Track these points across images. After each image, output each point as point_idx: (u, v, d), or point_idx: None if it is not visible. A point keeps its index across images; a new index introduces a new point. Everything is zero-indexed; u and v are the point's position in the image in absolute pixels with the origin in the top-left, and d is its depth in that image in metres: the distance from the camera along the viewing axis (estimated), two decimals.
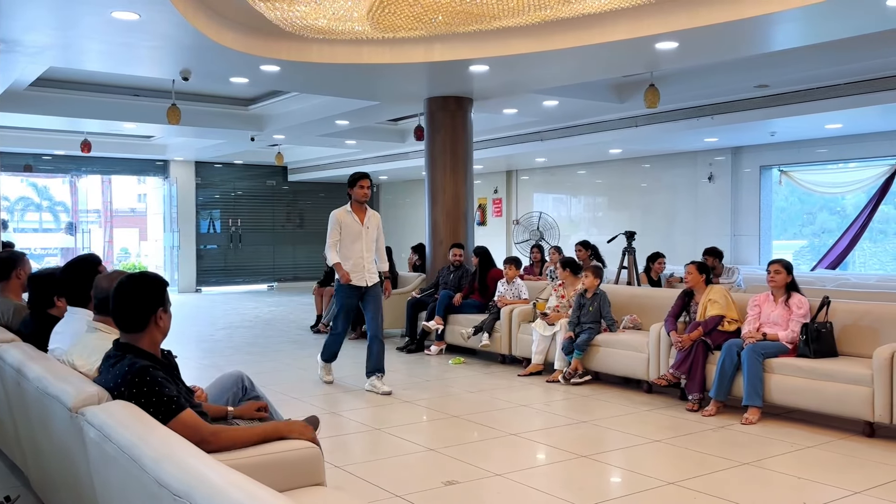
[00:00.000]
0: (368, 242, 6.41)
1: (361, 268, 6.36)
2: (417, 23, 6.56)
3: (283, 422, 3.13)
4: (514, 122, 12.06)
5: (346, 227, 6.37)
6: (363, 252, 6.37)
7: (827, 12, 5.80)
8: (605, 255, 9.76)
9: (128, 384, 2.59)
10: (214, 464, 1.93)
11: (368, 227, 6.43)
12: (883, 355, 4.80)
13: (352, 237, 6.35)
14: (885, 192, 11.48)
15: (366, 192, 6.43)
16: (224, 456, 2.63)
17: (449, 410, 5.77)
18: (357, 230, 6.38)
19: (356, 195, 6.43)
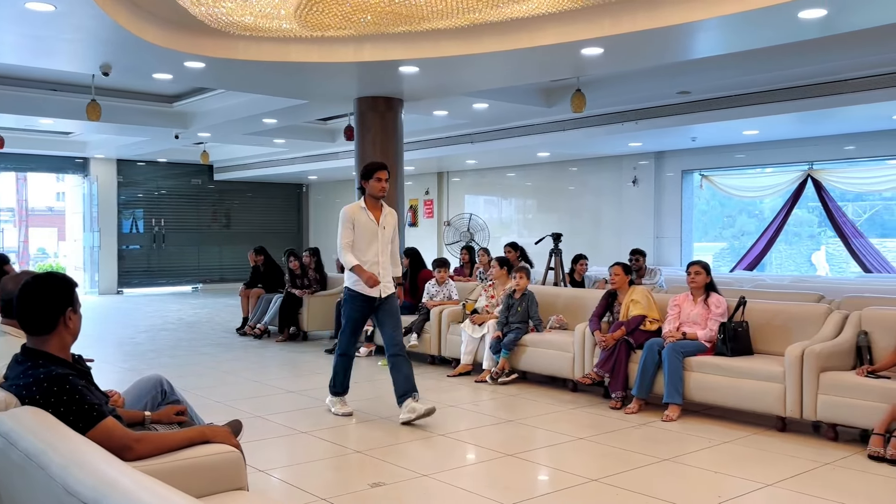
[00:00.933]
0: (384, 245, 5.42)
1: (377, 275, 5.35)
2: (346, 22, 6.52)
3: (204, 426, 3.07)
4: (445, 123, 12.11)
5: (360, 226, 5.37)
6: (379, 256, 5.37)
7: (744, 22, 6.02)
8: (533, 256, 9.89)
9: (44, 392, 2.49)
10: (127, 470, 1.88)
11: (385, 228, 5.44)
12: (794, 353, 5.01)
13: (366, 238, 5.37)
14: (798, 197, 11.98)
15: (384, 186, 5.41)
16: (142, 462, 2.57)
17: (377, 412, 5.75)
18: (372, 230, 5.38)
19: (372, 189, 5.41)
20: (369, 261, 5.32)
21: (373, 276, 5.27)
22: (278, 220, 20.23)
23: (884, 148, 10.73)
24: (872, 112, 9.14)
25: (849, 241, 11.49)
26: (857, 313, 5.33)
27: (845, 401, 4.76)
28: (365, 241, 5.36)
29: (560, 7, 6.28)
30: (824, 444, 4.85)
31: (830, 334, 5.26)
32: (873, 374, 4.78)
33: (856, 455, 4.56)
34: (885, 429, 4.47)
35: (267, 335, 9.88)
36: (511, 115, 11.11)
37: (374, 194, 5.42)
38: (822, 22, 5.95)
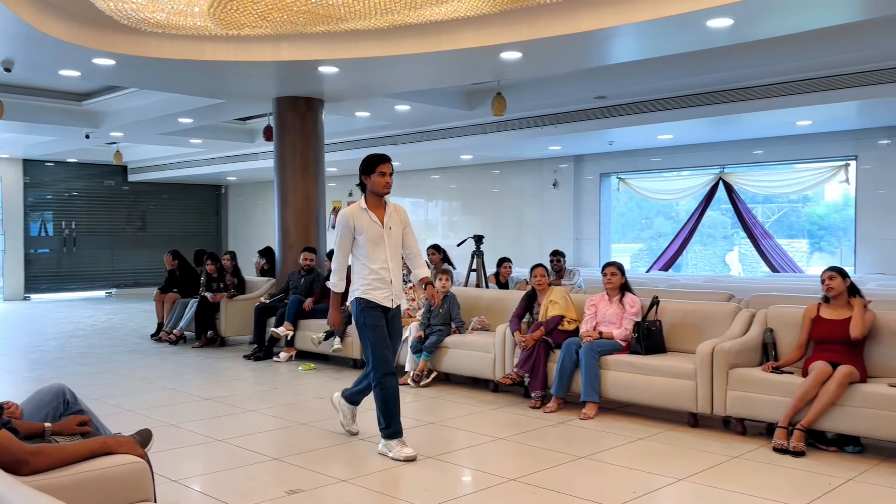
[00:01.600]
0: (394, 249, 4.76)
1: (387, 283, 4.68)
2: (263, 21, 6.40)
3: (108, 436, 2.95)
4: (367, 125, 12.04)
5: (364, 230, 4.66)
6: (388, 261, 4.71)
7: (656, 30, 6.20)
8: (457, 258, 9.93)
9: None
10: (17, 485, 1.78)
11: (391, 228, 4.76)
12: (704, 351, 5.17)
13: (372, 244, 4.67)
14: (710, 199, 12.41)
15: (388, 182, 4.71)
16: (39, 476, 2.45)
17: (296, 418, 5.66)
18: (377, 233, 4.69)
19: (375, 185, 4.69)
20: (377, 266, 4.66)
21: (336, 318, 4.89)
22: (196, 223, 19.72)
23: (790, 152, 11.22)
24: (778, 118, 9.55)
25: (758, 241, 11.96)
26: (764, 311, 5.54)
27: (752, 396, 4.93)
28: (370, 246, 4.66)
29: (479, 11, 6.33)
30: (733, 438, 5.02)
31: (739, 332, 5.45)
32: (778, 369, 4.97)
33: (762, 448, 4.74)
34: (788, 422, 4.66)
35: (183, 341, 9.61)
36: (433, 117, 11.14)
37: (377, 191, 4.70)
38: (729, 31, 6.17)
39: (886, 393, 4.42)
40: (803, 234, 13.29)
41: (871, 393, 4.48)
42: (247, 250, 17.85)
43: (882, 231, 10.31)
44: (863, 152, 10.50)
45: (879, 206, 10.36)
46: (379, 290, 4.66)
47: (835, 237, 12.48)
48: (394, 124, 11.90)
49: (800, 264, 12.08)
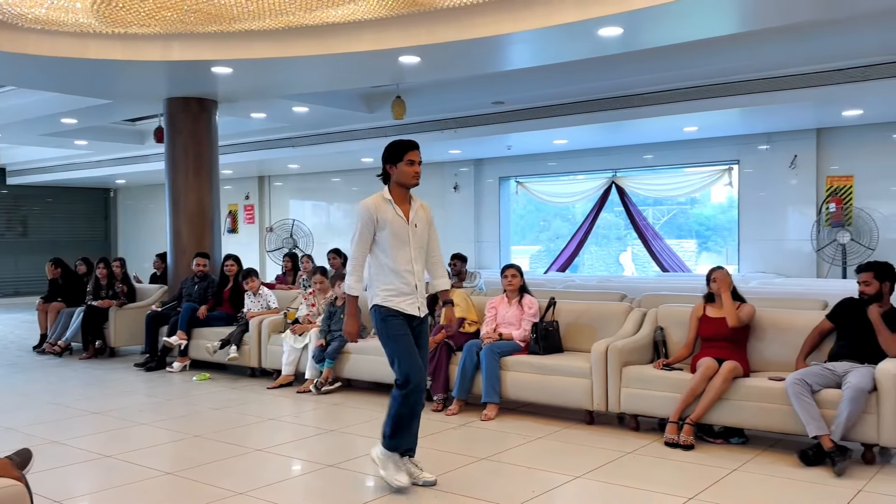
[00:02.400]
0: (418, 249, 4.15)
1: (412, 288, 4.07)
2: (151, 20, 6.16)
3: None
4: (264, 126, 11.80)
5: (387, 225, 4.03)
6: (412, 263, 4.09)
7: (549, 37, 6.34)
8: None
9: None
10: None
11: (417, 226, 4.14)
12: (599, 349, 5.32)
13: (396, 241, 4.05)
14: (604, 202, 12.81)
15: (418, 171, 4.09)
16: None
17: (191, 430, 5.46)
18: (402, 229, 4.06)
19: (403, 176, 4.07)
20: (401, 268, 4.04)
21: (354, 327, 4.16)
22: (83, 228, 18.80)
23: (678, 157, 11.72)
24: (666, 124, 9.96)
25: (649, 242, 12.43)
26: (654, 310, 5.76)
27: (645, 392, 5.11)
28: (394, 244, 4.03)
29: (376, 14, 6.31)
30: (627, 434, 5.18)
31: (631, 331, 5.64)
32: (668, 366, 5.17)
33: (654, 443, 4.92)
34: (678, 417, 4.86)
35: (69, 352, 9.12)
36: (332, 119, 11.03)
37: (405, 182, 4.07)
38: (619, 39, 6.39)
39: (767, 386, 4.67)
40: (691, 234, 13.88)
41: (754, 387, 4.73)
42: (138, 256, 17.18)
43: (762, 231, 10.92)
44: (744, 157, 11.08)
45: (760, 208, 10.96)
46: (403, 296, 4.03)
47: (721, 237, 13.11)
48: (291, 126, 11.71)
49: (689, 264, 12.63)
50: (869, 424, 4.34)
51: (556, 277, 11.32)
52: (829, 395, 4.43)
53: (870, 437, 4.36)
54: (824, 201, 10.25)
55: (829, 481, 4.12)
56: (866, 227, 9.84)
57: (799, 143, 10.46)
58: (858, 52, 7.74)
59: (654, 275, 12.25)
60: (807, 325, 5.05)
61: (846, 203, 10.12)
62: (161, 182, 9.72)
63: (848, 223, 10.01)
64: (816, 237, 10.19)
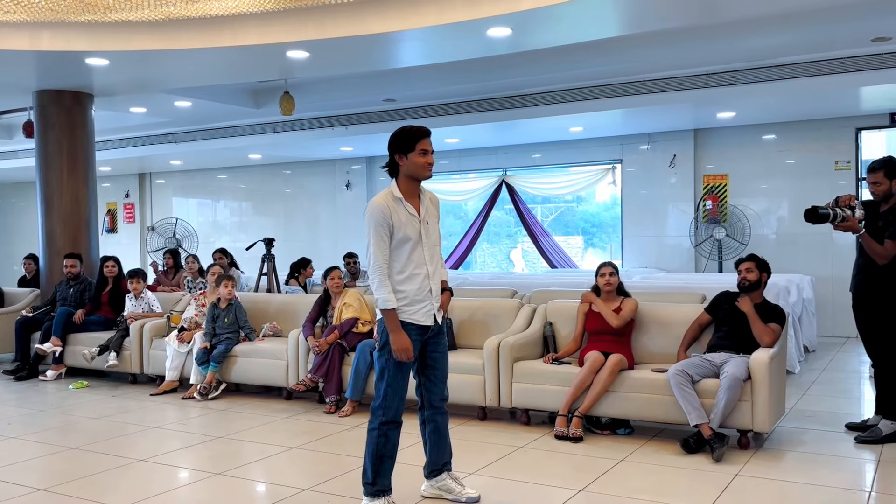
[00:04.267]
0: (432, 247, 3.69)
1: (427, 293, 3.63)
2: (16, 5, 5.76)
3: None
4: (145, 121, 11.29)
5: (401, 226, 3.56)
6: (426, 265, 3.64)
7: (440, 36, 6.36)
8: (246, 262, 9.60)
9: None
10: None
11: (428, 222, 3.69)
12: (491, 346, 5.38)
13: (410, 242, 3.58)
14: (495, 200, 12.99)
15: (431, 162, 3.65)
16: None
17: (67, 442, 5.15)
18: (415, 229, 3.61)
19: (414, 168, 3.61)
20: (415, 274, 3.59)
21: (404, 343, 3.56)
22: None
23: (564, 156, 12.02)
24: (553, 124, 10.19)
25: (538, 239, 12.70)
26: (544, 306, 5.88)
27: (535, 387, 5.21)
28: (407, 245, 3.58)
29: (263, 7, 6.14)
30: (519, 428, 5.27)
31: (522, 326, 5.74)
32: (557, 360, 5.29)
33: (545, 436, 5.02)
34: (567, 410, 4.97)
35: None
36: (218, 114, 10.68)
37: (418, 175, 3.62)
38: (508, 40, 6.48)
39: (650, 378, 4.85)
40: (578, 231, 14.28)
41: (638, 378, 4.90)
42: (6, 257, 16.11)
43: (644, 228, 11.36)
44: (627, 156, 11.49)
45: (641, 206, 11.39)
46: (418, 304, 3.59)
47: (605, 234, 13.54)
48: (174, 121, 11.26)
49: (575, 259, 12.98)
50: (744, 412, 4.58)
51: (449, 274, 11.38)
52: (708, 384, 4.64)
53: (745, 424, 4.60)
54: (701, 199, 10.77)
55: (709, 467, 4.32)
56: (739, 223, 10.40)
57: (678, 144, 10.94)
58: (732, 57, 8.16)
59: (543, 271, 12.53)
60: (687, 318, 5.27)
61: (721, 201, 10.67)
62: (30, 179, 9.14)
63: (723, 220, 10.55)
64: (695, 233, 10.68)
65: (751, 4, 5.81)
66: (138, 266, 10.83)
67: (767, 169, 10.43)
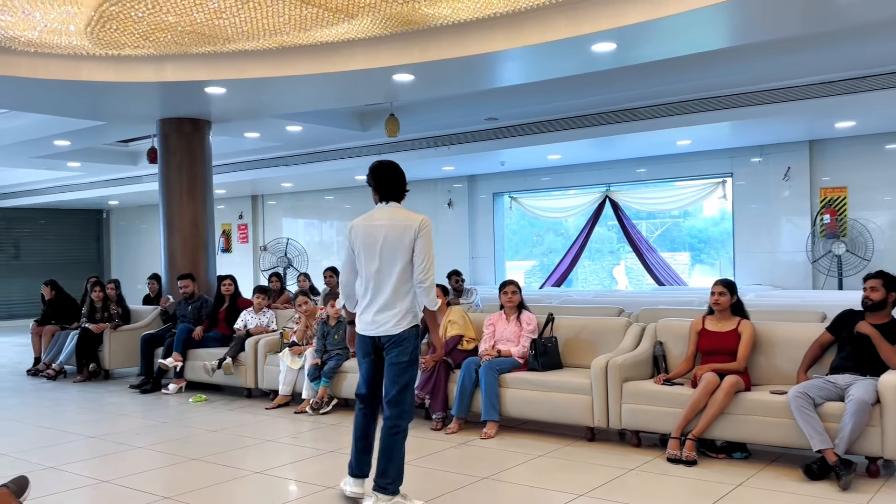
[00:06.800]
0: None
1: None
2: (145, 41, 6.15)
3: None
4: (257, 146, 11.79)
5: None
6: None
7: (542, 54, 6.36)
8: None
9: None
10: None
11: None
12: (599, 365, 5.29)
13: None
14: (598, 216, 12.83)
15: None
16: None
17: (188, 453, 5.40)
18: None
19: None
20: None
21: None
22: (76, 249, 18.72)
23: (671, 171, 11.76)
24: (659, 138, 9.99)
25: (644, 256, 12.44)
26: (653, 325, 5.74)
27: (646, 408, 5.08)
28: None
29: (370, 33, 6.32)
30: (629, 450, 5.15)
31: (630, 346, 5.62)
32: (669, 381, 5.14)
33: (657, 459, 4.88)
34: (680, 432, 4.82)
35: (63, 375, 9.04)
36: (326, 138, 11.04)
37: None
38: (612, 55, 6.41)
39: (769, 400, 4.65)
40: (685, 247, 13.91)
41: (756, 400, 4.70)
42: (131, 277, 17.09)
43: (757, 243, 10.94)
44: (737, 169, 11.12)
45: (753, 221, 10.98)
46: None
47: (713, 249, 13.13)
48: (284, 145, 11.71)
49: (682, 276, 12.63)
50: (872, 437, 4.31)
51: (552, 292, 11.31)
52: (832, 408, 4.40)
53: (874, 450, 4.34)
54: (818, 213, 10.28)
55: (835, 496, 4.09)
56: (861, 238, 9.87)
57: (792, 155, 10.50)
58: (850, 65, 7.79)
59: (649, 288, 12.26)
60: (807, 338, 5.03)
61: (840, 214, 10.16)
62: (154, 202, 9.70)
63: (843, 234, 10.04)
64: (812, 248, 10.21)
65: (867, 10, 5.53)
66: (248, 285, 11.27)
67: (891, 180, 9.86)
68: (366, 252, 4.01)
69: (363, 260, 4.02)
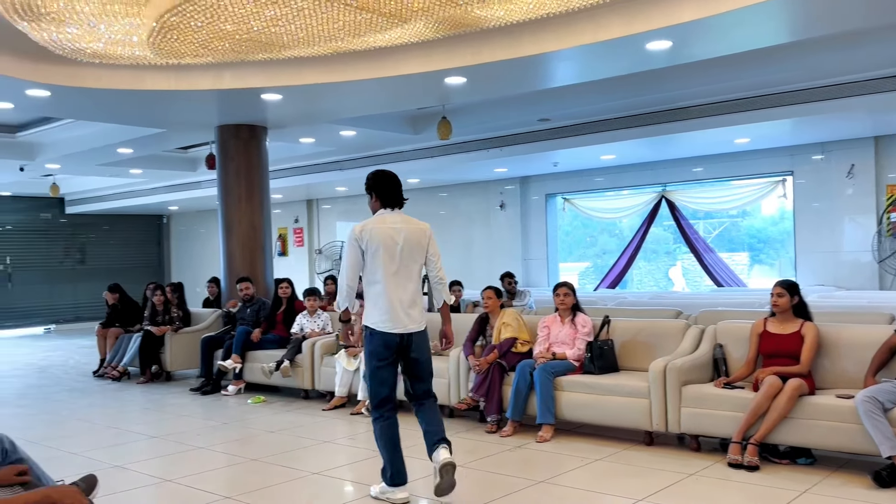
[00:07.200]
0: None
1: None
2: (204, 49, 6.29)
3: (51, 487, 2.82)
4: (312, 151, 11.96)
5: None
6: None
7: (596, 53, 6.30)
8: None
9: None
10: None
11: None
12: (657, 368, 5.21)
13: None
14: (654, 216, 12.65)
15: None
16: None
17: (248, 453, 5.51)
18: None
19: None
20: None
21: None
22: (138, 254, 19.26)
23: (728, 169, 11.51)
24: (717, 136, 9.79)
25: (701, 256, 12.21)
26: (713, 327, 5.62)
27: (706, 412, 4.98)
28: None
29: (422, 37, 6.34)
30: (688, 455, 5.06)
31: (689, 348, 5.52)
32: (729, 384, 5.03)
33: (717, 464, 4.78)
34: (741, 437, 4.71)
35: (127, 377, 9.31)
36: (379, 142, 11.12)
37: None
38: (668, 53, 6.32)
39: (835, 404, 4.51)
40: (743, 247, 13.61)
41: (821, 405, 4.57)
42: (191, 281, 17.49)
43: (818, 244, 10.63)
44: (798, 167, 10.83)
45: (815, 220, 10.68)
46: None
47: (773, 250, 12.82)
48: (339, 149, 11.85)
49: (741, 277, 12.36)
50: None
51: (607, 294, 11.18)
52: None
53: None
54: (885, 211, 9.95)
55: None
56: None
57: (856, 152, 10.18)
58: None
59: (707, 290, 12.03)
60: (874, 340, 4.86)
61: None
62: (211, 207, 9.91)
63: None
64: (878, 248, 9.88)
65: None
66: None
67: None
68: (386, 254, 4.21)
69: (381, 261, 4.20)
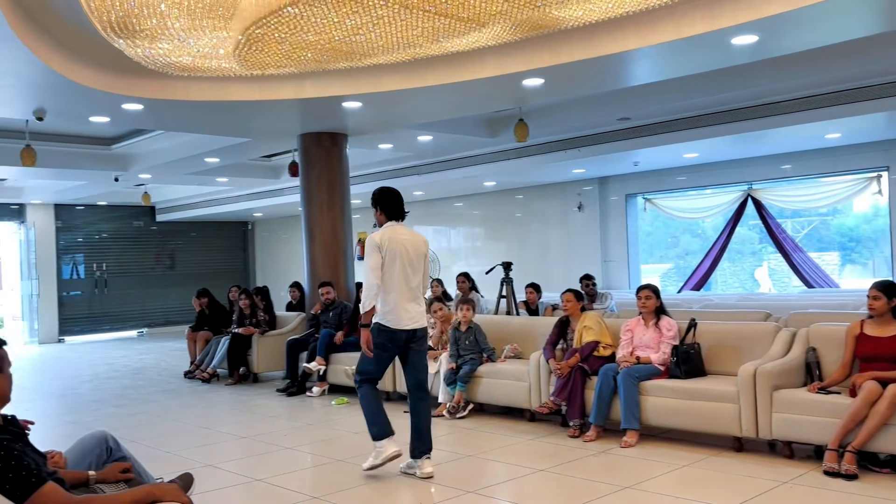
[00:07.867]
0: None
1: None
2: (287, 60, 6.47)
3: (153, 484, 2.94)
4: (390, 156, 12.11)
5: None
6: None
7: (678, 50, 6.16)
8: (484, 285, 9.90)
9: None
10: None
11: None
12: (747, 372, 5.06)
13: None
14: (740, 216, 12.28)
15: None
16: None
17: (332, 454, 5.62)
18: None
19: None
20: None
21: None
22: (224, 260, 19.91)
23: (817, 166, 11.09)
24: (805, 132, 9.44)
25: (790, 256, 11.79)
26: (805, 330, 5.42)
27: (799, 418, 4.81)
28: None
29: (500, 40, 6.34)
30: (781, 462, 4.89)
31: (780, 352, 5.34)
32: (824, 389, 4.85)
33: (812, 472, 4.61)
34: (838, 444, 4.53)
35: (216, 379, 9.63)
36: (456, 146, 11.17)
37: None
38: (753, 47, 6.13)
39: None
40: (834, 246, 13.07)
41: None
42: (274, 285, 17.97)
43: None
44: (894, 163, 10.34)
45: None
46: None
47: (867, 249, 12.27)
48: (416, 154, 11.96)
49: (832, 277, 11.87)
50: None
51: (691, 297, 10.92)
52: None
53: None
54: None
55: None
56: None
57: None
58: None
59: (795, 291, 11.60)
60: None
61: None
62: (294, 214, 10.14)
63: None
64: None
65: None
66: None
67: None
68: (399, 261, 4.90)
69: (397, 267, 4.88)
